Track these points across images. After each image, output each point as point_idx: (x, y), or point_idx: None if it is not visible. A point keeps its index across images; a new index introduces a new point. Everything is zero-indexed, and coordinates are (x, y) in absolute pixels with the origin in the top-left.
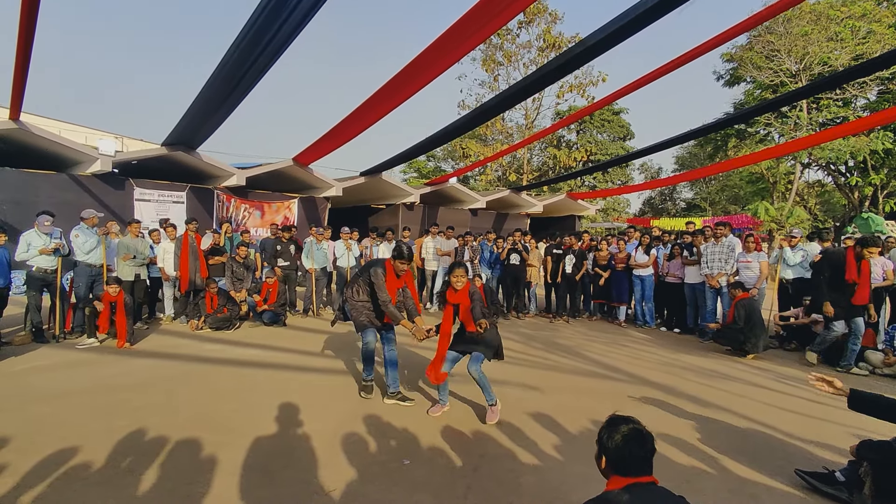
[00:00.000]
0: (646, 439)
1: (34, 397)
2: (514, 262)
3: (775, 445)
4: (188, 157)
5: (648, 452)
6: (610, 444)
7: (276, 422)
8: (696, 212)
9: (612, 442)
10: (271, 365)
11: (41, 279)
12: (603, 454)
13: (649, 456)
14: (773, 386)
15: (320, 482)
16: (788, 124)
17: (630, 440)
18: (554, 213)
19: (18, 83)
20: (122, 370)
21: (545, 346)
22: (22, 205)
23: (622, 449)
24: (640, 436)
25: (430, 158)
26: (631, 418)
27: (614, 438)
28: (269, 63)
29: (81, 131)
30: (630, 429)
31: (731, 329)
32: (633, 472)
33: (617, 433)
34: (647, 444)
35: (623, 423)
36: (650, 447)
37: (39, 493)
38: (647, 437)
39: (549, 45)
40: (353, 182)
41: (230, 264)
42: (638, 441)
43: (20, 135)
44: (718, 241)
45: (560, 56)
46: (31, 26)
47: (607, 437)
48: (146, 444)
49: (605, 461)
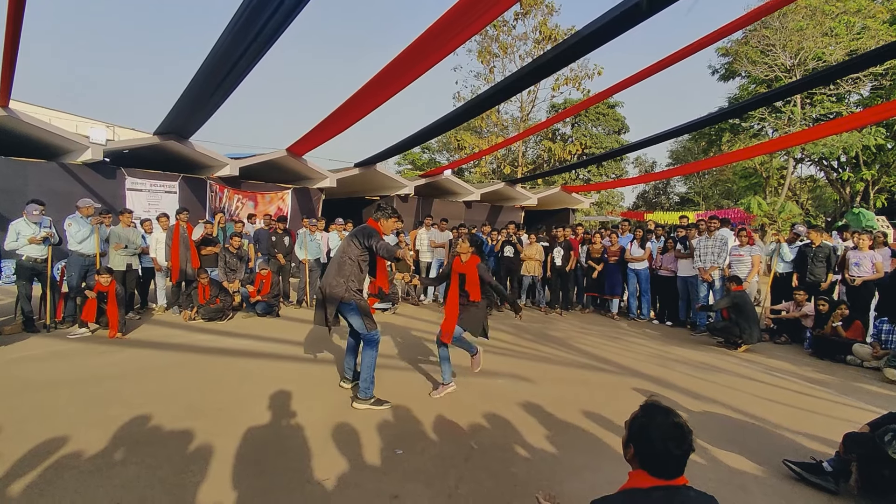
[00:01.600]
0: (685, 436)
1: (24, 387)
2: (508, 254)
3: (764, 436)
4: (180, 147)
5: (685, 453)
6: (643, 436)
7: (268, 411)
8: (690, 206)
9: (645, 434)
10: (264, 355)
11: (31, 268)
12: (632, 443)
13: (685, 456)
14: (762, 378)
15: (313, 471)
16: (782, 119)
17: (668, 437)
18: (548, 205)
19: (7, 70)
20: (114, 360)
21: (537, 338)
22: (10, 193)
23: (657, 445)
24: (679, 432)
25: (425, 150)
26: (671, 410)
27: (649, 431)
28: (261, 51)
29: (71, 119)
30: (670, 423)
31: (723, 321)
32: (665, 473)
33: (653, 425)
34: (685, 442)
35: (662, 415)
36: (688, 447)
37: (30, 481)
38: (687, 433)
39: (546, 37)
40: (348, 173)
41: (223, 255)
42: (676, 439)
43: (9, 122)
44: (711, 234)
45: (556, 47)
46: (19, 11)
47: (640, 428)
48: (138, 434)
49: (633, 451)
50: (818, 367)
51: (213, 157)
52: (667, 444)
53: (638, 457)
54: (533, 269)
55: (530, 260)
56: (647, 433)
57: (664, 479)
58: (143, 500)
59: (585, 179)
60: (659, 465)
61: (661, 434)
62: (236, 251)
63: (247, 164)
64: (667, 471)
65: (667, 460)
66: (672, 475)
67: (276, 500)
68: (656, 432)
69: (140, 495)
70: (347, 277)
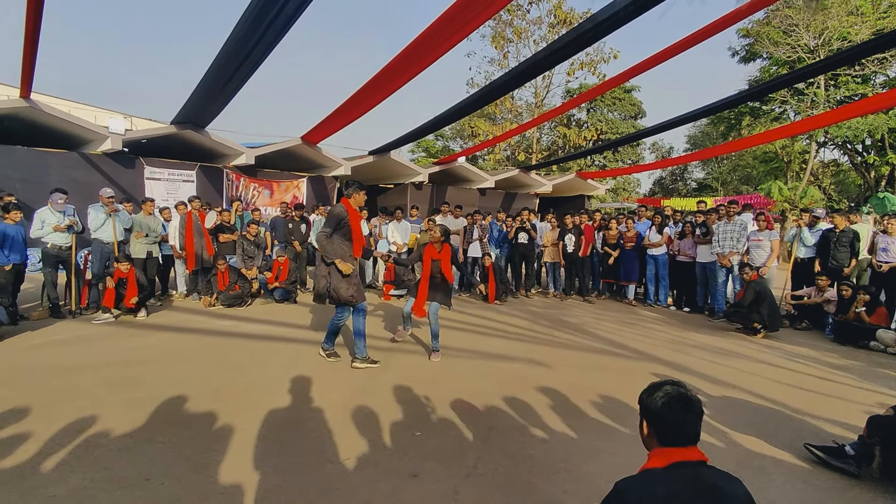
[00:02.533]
0: (692, 401)
1: (52, 370)
2: (523, 240)
3: (784, 421)
4: (197, 136)
5: (696, 415)
6: (651, 405)
7: (288, 394)
8: (708, 192)
9: (652, 402)
10: (283, 339)
11: (56, 256)
12: (644, 418)
13: (696, 420)
14: (782, 363)
15: (333, 451)
16: (805, 102)
17: (674, 400)
18: (563, 192)
19: (28, 62)
20: (138, 344)
21: (553, 324)
22: (33, 183)
23: (663, 409)
24: (685, 398)
25: (439, 138)
26: (676, 380)
27: (655, 398)
28: (277, 38)
29: (90, 110)
30: (673, 388)
31: (742, 307)
32: (679, 439)
33: (659, 392)
34: (693, 406)
35: (668, 384)
36: (698, 410)
37: (61, 458)
38: (694, 400)
39: (560, 20)
40: (362, 161)
41: (241, 242)
42: (683, 402)
43: (31, 113)
44: (731, 219)
45: (570, 32)
46: (38, 7)
47: (647, 396)
48: (163, 415)
49: (646, 427)
50: (840, 352)
51: (230, 146)
52: (672, 408)
53: (651, 428)
54: (551, 255)
55: (551, 246)
56: (654, 401)
57: (680, 448)
58: (169, 475)
59: (601, 166)
60: (671, 431)
61: (668, 399)
62: (253, 238)
63: (262, 152)
64: (679, 435)
65: (675, 423)
66: (687, 441)
67: (297, 478)
68: (663, 398)
69: (166, 472)
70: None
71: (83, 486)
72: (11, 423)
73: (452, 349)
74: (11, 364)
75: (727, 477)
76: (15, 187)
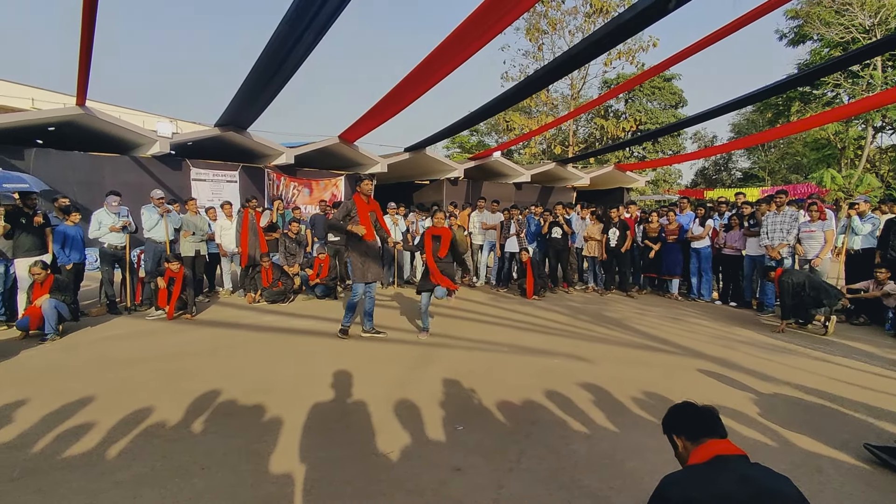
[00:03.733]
0: (701, 406)
1: (112, 363)
2: (556, 235)
3: (841, 419)
4: (240, 137)
5: (709, 411)
6: (669, 418)
7: (332, 387)
8: (754, 182)
9: (668, 416)
10: (325, 334)
11: (112, 255)
12: (671, 435)
13: (713, 413)
14: (839, 360)
15: (377, 444)
16: (860, 85)
17: (685, 405)
18: (601, 185)
19: (83, 72)
20: (189, 339)
21: (593, 319)
22: (90, 186)
23: (678, 410)
24: (693, 404)
25: (473, 133)
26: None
27: (668, 414)
28: (314, 41)
29: (140, 115)
30: (682, 402)
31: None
32: (706, 430)
33: (672, 409)
34: (704, 408)
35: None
36: (710, 409)
37: (123, 447)
38: (703, 406)
39: (597, 10)
40: (398, 158)
41: (283, 240)
42: (693, 405)
43: (86, 119)
44: (780, 210)
45: (609, 23)
46: (91, 19)
47: (667, 418)
48: (215, 406)
49: (676, 439)
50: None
51: (270, 147)
52: (685, 405)
53: (679, 436)
54: (593, 250)
55: (591, 240)
56: (669, 414)
57: (715, 440)
58: (223, 464)
59: (640, 157)
60: (695, 423)
61: (678, 404)
62: (295, 236)
63: (301, 151)
64: (705, 426)
65: (697, 414)
66: (715, 432)
67: (343, 469)
68: (673, 407)
69: (220, 461)
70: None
71: (145, 473)
72: (78, 412)
73: (492, 344)
74: (76, 358)
75: (775, 475)
76: (73, 190)
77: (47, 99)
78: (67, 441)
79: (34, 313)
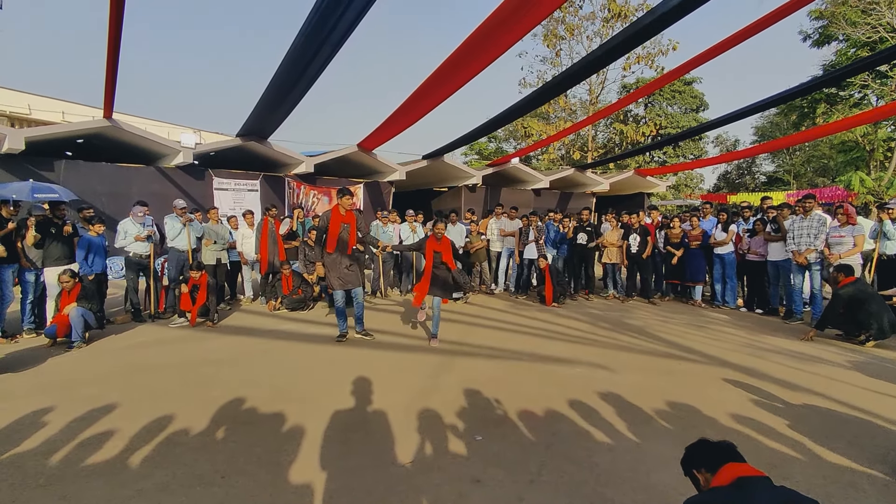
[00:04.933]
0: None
1: (136, 370)
2: (581, 241)
3: (876, 432)
4: (261, 147)
5: (727, 443)
6: (689, 458)
7: (352, 396)
8: (779, 185)
9: (688, 456)
10: (346, 342)
11: (137, 263)
12: (690, 469)
13: (730, 445)
14: (871, 369)
15: (396, 454)
16: (889, 86)
17: (701, 442)
18: (621, 190)
19: (109, 86)
20: (211, 346)
21: (615, 327)
22: (117, 196)
23: (698, 445)
24: (708, 440)
25: (491, 139)
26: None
27: (688, 452)
28: (334, 50)
29: (164, 126)
30: (697, 440)
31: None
32: (726, 455)
33: (688, 448)
34: (720, 441)
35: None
36: (727, 442)
37: (146, 455)
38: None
39: (615, 14)
40: (416, 165)
41: (303, 248)
42: (708, 441)
43: (113, 132)
44: (807, 215)
45: (628, 28)
46: (117, 34)
47: (685, 458)
48: (236, 414)
49: (698, 474)
50: None
51: (290, 156)
52: (703, 444)
53: (699, 468)
54: (614, 256)
55: (612, 246)
56: (688, 450)
57: (735, 464)
58: (243, 473)
59: (661, 162)
60: (713, 452)
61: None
62: (314, 244)
63: (321, 160)
64: (725, 452)
65: (715, 447)
66: (736, 456)
67: (362, 479)
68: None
69: (240, 469)
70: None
71: (166, 482)
72: (103, 419)
73: (512, 352)
74: (101, 365)
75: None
76: (101, 201)
77: (77, 112)
78: (92, 448)
79: (62, 321)
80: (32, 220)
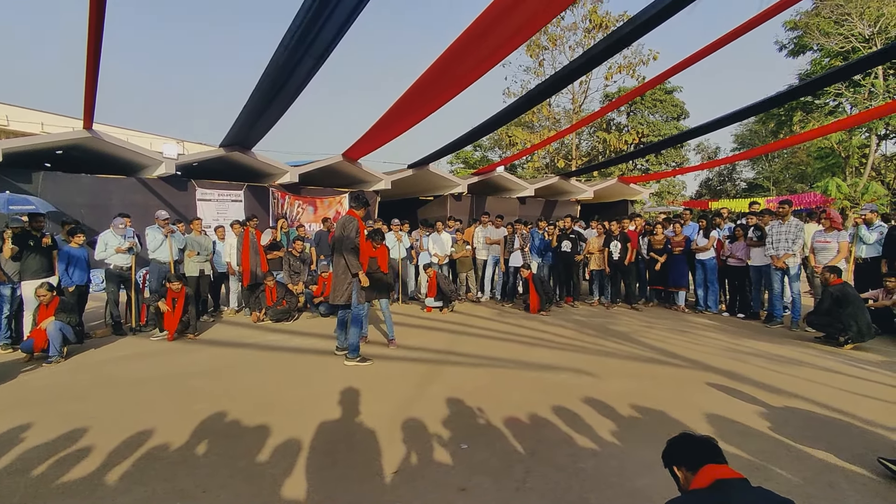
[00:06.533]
0: (699, 436)
1: (116, 384)
2: (566, 248)
3: (854, 433)
4: (244, 157)
5: (709, 440)
6: (670, 452)
7: (337, 406)
8: (759, 192)
9: (669, 450)
10: (330, 352)
11: (118, 276)
12: (672, 465)
13: (712, 442)
14: (850, 371)
15: (382, 464)
16: (862, 93)
17: (683, 437)
18: (605, 198)
19: (89, 96)
20: (193, 359)
21: (599, 333)
22: (97, 208)
23: (678, 441)
24: (691, 435)
25: (477, 148)
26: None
27: (669, 446)
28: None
29: (146, 137)
30: (680, 434)
31: (820, 315)
32: (706, 455)
33: (670, 441)
34: (702, 437)
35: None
36: (708, 438)
37: (125, 470)
38: (702, 436)
39: (596, 25)
40: (402, 175)
41: (287, 258)
42: (691, 436)
43: (93, 143)
44: (785, 220)
45: (609, 36)
46: (97, 43)
47: (666, 451)
48: (218, 427)
49: (676, 470)
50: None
51: (275, 166)
52: (683, 436)
53: (681, 466)
54: (599, 263)
55: (597, 253)
56: (669, 445)
57: (714, 465)
58: (225, 487)
59: (644, 169)
60: (694, 451)
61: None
62: (299, 254)
63: (305, 170)
64: (706, 453)
65: (696, 444)
66: (715, 457)
67: (347, 490)
68: (673, 440)
69: (222, 483)
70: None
71: (146, 498)
72: (81, 435)
73: (497, 360)
74: (80, 379)
75: (779, 499)
76: (81, 212)
77: (56, 123)
78: (69, 464)
79: (39, 335)
80: (9, 233)
